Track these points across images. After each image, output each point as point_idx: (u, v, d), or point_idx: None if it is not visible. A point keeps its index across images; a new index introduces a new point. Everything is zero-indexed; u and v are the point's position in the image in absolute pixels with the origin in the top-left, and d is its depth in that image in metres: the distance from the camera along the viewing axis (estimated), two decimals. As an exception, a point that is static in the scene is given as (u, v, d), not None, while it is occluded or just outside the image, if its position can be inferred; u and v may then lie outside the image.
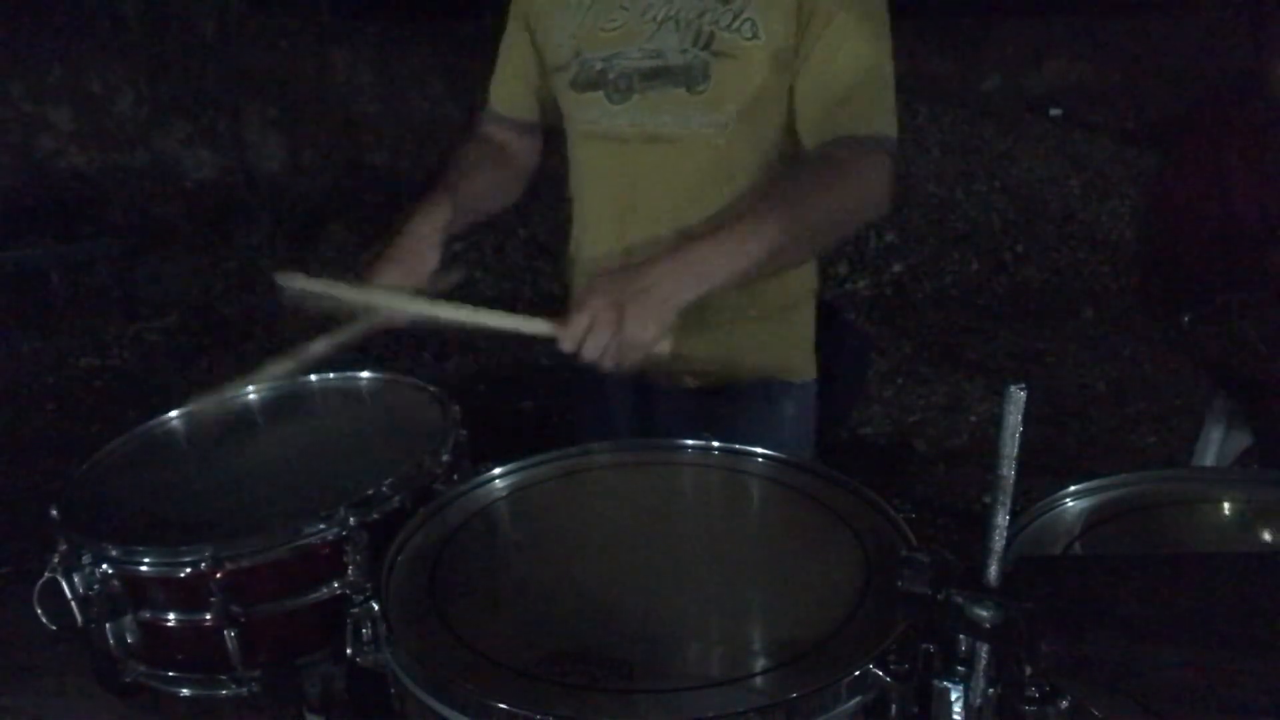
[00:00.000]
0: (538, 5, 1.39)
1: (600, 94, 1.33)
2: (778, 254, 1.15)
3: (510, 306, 1.28)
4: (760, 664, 0.78)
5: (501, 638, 0.82)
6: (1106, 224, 5.69)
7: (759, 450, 1.09)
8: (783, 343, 1.41)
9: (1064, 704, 0.65)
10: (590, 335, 1.04)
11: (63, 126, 6.03)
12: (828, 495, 1.00)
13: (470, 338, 4.84)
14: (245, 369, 1.22)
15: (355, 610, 0.84)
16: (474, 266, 5.65)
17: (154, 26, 6.10)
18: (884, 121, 1.25)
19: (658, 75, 1.28)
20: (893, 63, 1.26)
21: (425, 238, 1.26)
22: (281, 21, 6.39)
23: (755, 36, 1.23)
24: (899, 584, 0.74)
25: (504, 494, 1.07)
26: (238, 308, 5.32)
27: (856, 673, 0.70)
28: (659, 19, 1.27)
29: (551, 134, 1.50)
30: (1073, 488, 0.98)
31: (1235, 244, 1.55)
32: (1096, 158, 6.34)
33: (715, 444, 1.12)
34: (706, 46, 1.25)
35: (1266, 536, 0.94)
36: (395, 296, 1.17)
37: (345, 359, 1.26)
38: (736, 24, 1.24)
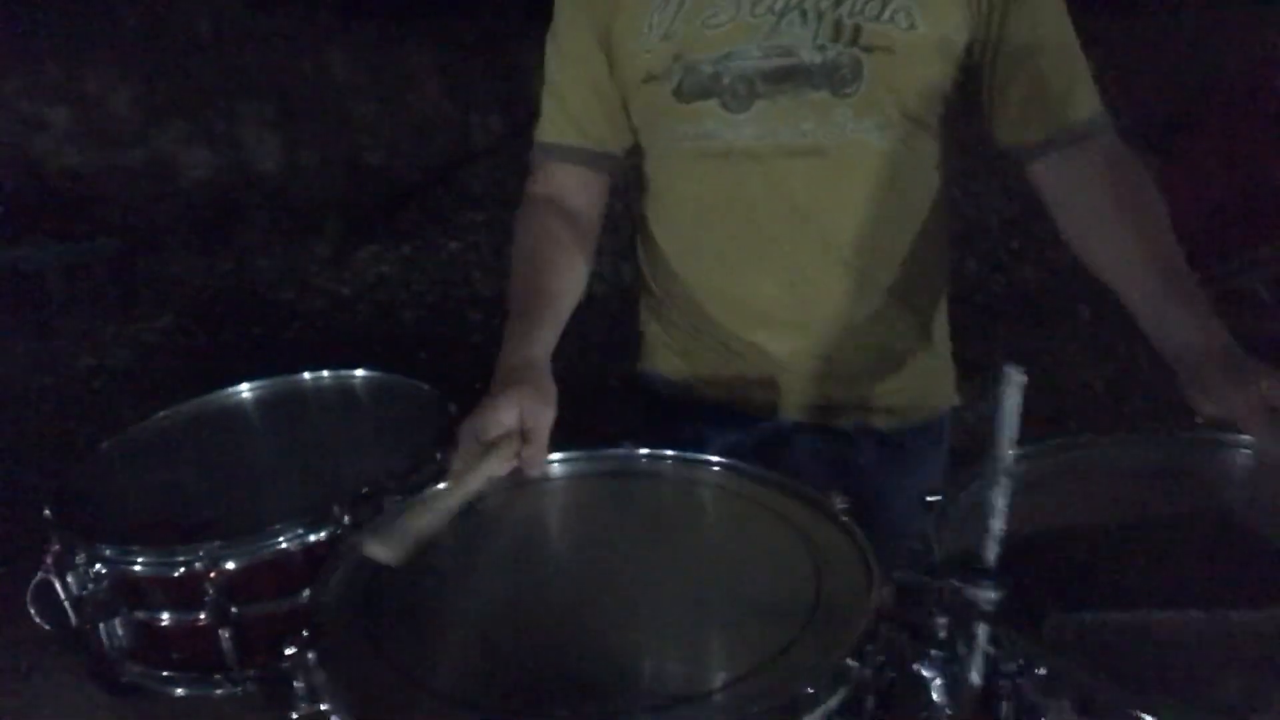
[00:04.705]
0: (609, 5, 1.16)
1: (714, 102, 1.12)
2: None
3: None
4: (722, 678, 0.73)
5: (449, 670, 0.77)
6: (1104, 223, 5.69)
7: (714, 459, 1.03)
8: (949, 370, 1.34)
9: (1040, 671, 0.65)
10: None
11: (59, 126, 6.03)
12: (779, 503, 0.96)
13: (465, 336, 4.84)
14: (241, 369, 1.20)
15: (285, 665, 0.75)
16: (472, 267, 5.65)
17: (151, 26, 6.09)
18: (1096, 98, 1.12)
19: (788, 76, 1.10)
20: None
21: (544, 367, 1.07)
22: (278, 21, 6.39)
23: (913, 27, 1.07)
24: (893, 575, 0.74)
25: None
26: (235, 308, 5.32)
27: (825, 676, 0.69)
28: (778, 10, 1.08)
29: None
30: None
31: (1245, 211, 1.57)
32: (1094, 157, 6.34)
33: (669, 452, 1.06)
34: (854, 41, 1.07)
35: (1174, 493, 0.96)
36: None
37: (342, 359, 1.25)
38: (888, 13, 1.07)
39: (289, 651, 0.72)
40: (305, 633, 0.76)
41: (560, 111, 1.24)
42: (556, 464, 1.05)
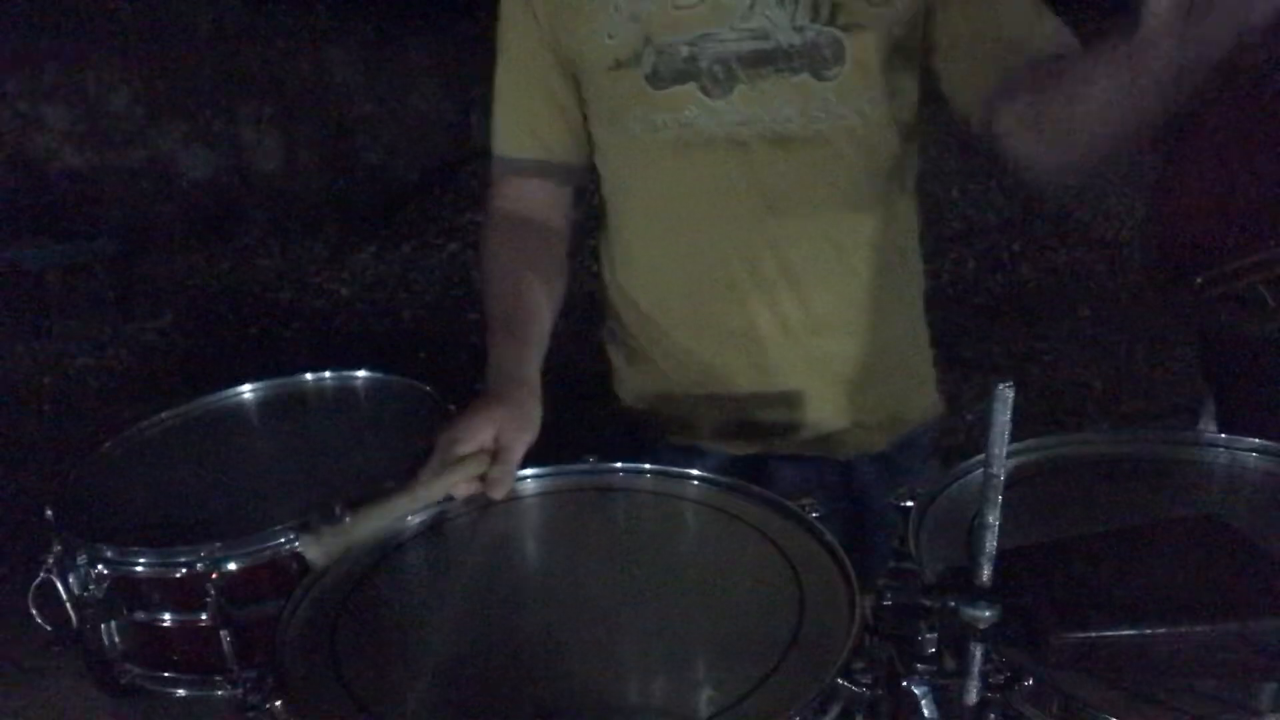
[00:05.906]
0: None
1: (692, 86, 1.06)
2: None
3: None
4: (708, 704, 0.70)
5: (416, 703, 0.72)
6: (1103, 223, 5.70)
7: (693, 472, 0.99)
8: (932, 376, 1.30)
9: (1028, 682, 0.65)
10: None
11: (58, 126, 6.03)
12: (757, 517, 0.92)
13: (464, 336, 4.84)
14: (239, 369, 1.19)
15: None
16: (471, 267, 5.66)
17: (150, 26, 6.09)
18: (1060, 29, 1.04)
19: (765, 60, 1.05)
20: None
21: (533, 389, 1.03)
22: (277, 21, 6.39)
23: (886, 2, 1.04)
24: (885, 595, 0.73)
25: (413, 533, 0.93)
26: (234, 308, 5.32)
27: (815, 697, 0.67)
28: None
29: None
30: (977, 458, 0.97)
31: (1245, 212, 1.57)
32: (1093, 157, 6.35)
33: (647, 465, 1.01)
34: (832, 21, 1.04)
35: (1170, 492, 0.94)
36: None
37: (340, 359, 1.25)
38: None
39: (250, 676, 0.70)
40: (268, 659, 0.74)
41: (516, 123, 1.18)
42: (530, 480, 1.00)
